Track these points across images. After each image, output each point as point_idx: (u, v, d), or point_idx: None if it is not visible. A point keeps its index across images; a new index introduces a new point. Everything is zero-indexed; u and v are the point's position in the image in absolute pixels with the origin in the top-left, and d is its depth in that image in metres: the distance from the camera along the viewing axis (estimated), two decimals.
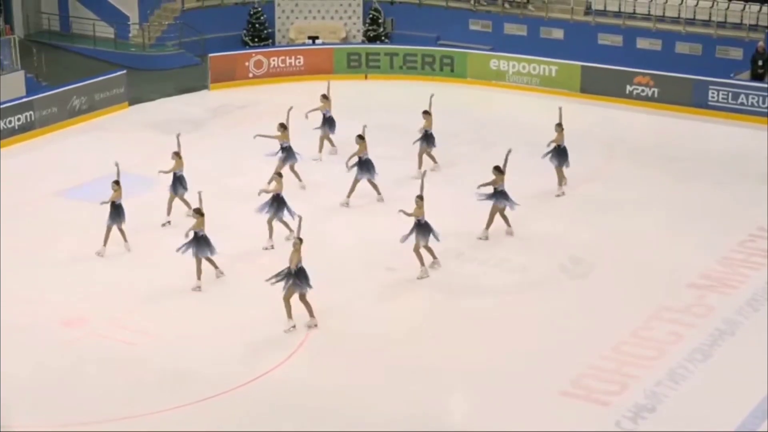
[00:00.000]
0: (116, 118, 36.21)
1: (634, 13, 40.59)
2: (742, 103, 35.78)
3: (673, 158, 32.21)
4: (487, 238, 26.04)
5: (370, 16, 43.46)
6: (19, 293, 23.53)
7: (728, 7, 39.21)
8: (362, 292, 23.86)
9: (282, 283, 21.82)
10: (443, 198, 27.47)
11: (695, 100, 36.40)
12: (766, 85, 35.95)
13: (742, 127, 34.97)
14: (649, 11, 40.25)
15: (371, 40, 43.02)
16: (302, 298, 22.06)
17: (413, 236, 24.11)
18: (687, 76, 36.68)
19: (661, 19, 40.04)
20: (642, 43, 39.93)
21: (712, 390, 20.32)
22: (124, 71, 37.66)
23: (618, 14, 40.72)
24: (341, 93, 39.09)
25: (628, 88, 37.36)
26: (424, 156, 30.13)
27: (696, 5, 39.67)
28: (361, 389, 20.36)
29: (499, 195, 25.90)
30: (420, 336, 22.07)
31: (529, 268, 24.99)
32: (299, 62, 40.31)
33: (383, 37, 43.26)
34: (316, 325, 22.10)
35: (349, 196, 28.16)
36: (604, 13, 41.01)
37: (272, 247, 25.56)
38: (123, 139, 34.10)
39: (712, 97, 36.19)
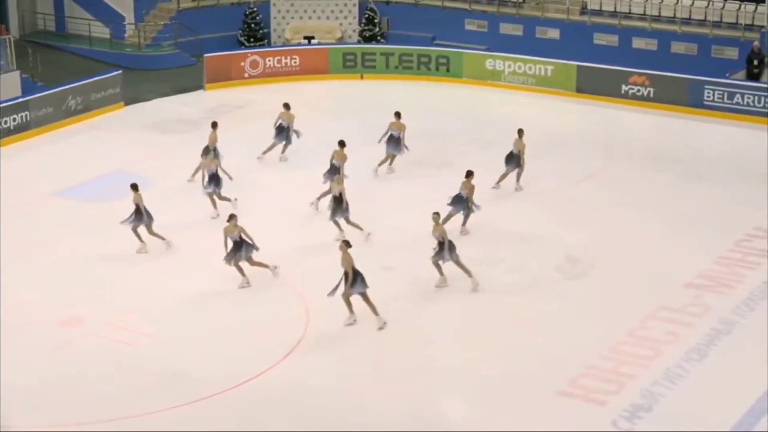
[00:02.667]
0: (112, 118, 36.20)
1: (630, 12, 40.65)
2: (737, 103, 35.84)
3: (669, 158, 32.25)
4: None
5: (366, 15, 43.49)
6: (15, 293, 23.52)
7: (724, 7, 39.30)
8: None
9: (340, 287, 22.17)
10: (438, 197, 27.51)
11: (691, 99, 36.45)
12: (761, 85, 36.02)
13: (738, 127, 35.04)
14: (644, 11, 40.32)
15: (367, 40, 43.04)
16: (365, 298, 22.21)
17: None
18: (683, 76, 36.73)
19: (657, 18, 40.10)
20: (638, 43, 39.99)
21: (709, 389, 20.36)
22: (120, 71, 37.67)
23: (614, 14, 40.79)
24: (337, 93, 39.29)
25: (624, 87, 37.41)
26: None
27: (692, 5, 39.75)
28: (358, 389, 20.39)
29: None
30: (416, 336, 22.08)
31: (526, 268, 25.01)
32: (295, 62, 40.31)
33: (379, 37, 43.29)
34: (385, 323, 22.21)
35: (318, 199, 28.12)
36: (599, 12, 41.08)
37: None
38: (119, 139, 34.13)
39: (708, 97, 36.25)
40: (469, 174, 26.17)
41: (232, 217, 23.79)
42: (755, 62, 36.85)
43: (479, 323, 22.81)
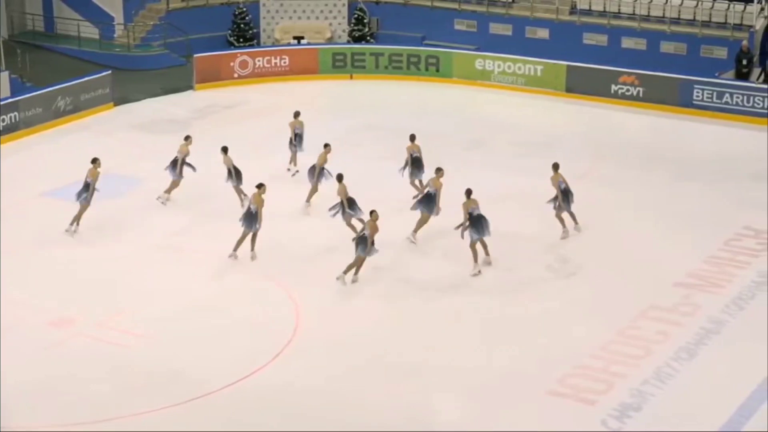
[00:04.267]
0: (101, 119, 36.19)
1: (619, 12, 40.71)
2: (727, 102, 35.94)
3: (659, 158, 32.33)
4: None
5: (356, 16, 43.50)
6: (5, 294, 23.48)
7: (713, 7, 39.39)
8: (348, 291, 23.90)
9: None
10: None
11: (680, 99, 36.54)
12: (751, 84, 36.12)
13: (727, 126, 35.14)
14: (633, 11, 40.38)
15: (356, 40, 43.06)
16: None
17: (468, 232, 24.61)
18: (672, 76, 36.84)
19: (646, 18, 40.17)
20: (627, 43, 40.06)
21: (698, 388, 20.41)
22: (109, 72, 37.65)
23: (603, 14, 40.85)
24: (327, 93, 39.32)
25: (614, 87, 37.49)
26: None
27: (681, 5, 39.83)
28: (349, 389, 20.39)
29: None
30: (408, 335, 22.11)
31: (517, 268, 25.05)
32: (284, 62, 40.32)
33: (368, 37, 43.30)
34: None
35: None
36: (589, 12, 41.14)
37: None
38: (108, 140, 34.07)
39: (697, 96, 36.35)
40: (439, 171, 26.26)
41: (260, 186, 25.02)
42: (744, 62, 36.94)
43: (470, 323, 22.85)
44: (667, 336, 22.15)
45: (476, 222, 24.48)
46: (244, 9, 43.44)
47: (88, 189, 26.37)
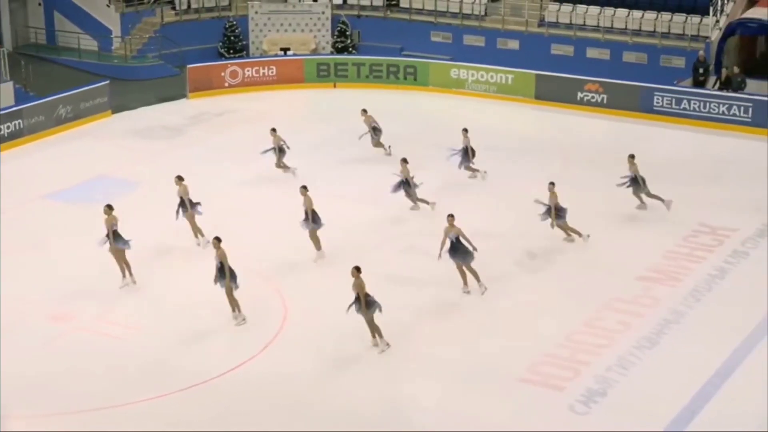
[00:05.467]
0: (100, 126, 36.03)
1: (585, 24, 40.72)
2: (684, 108, 36.00)
3: (622, 160, 32.16)
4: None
5: (338, 28, 43.43)
6: (9, 290, 23.36)
7: (671, 19, 39.42)
8: (333, 287, 23.79)
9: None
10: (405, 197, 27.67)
11: (641, 105, 36.58)
12: (707, 92, 36.18)
13: (685, 131, 35.19)
14: (598, 23, 40.39)
15: (339, 51, 42.99)
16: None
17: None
18: (634, 84, 36.86)
19: (609, 30, 40.20)
20: (592, 53, 40.08)
21: (659, 375, 20.44)
22: (107, 81, 37.49)
23: (569, 26, 40.85)
24: (312, 101, 39.29)
25: (579, 94, 37.50)
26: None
27: (642, 17, 39.86)
28: (333, 379, 20.37)
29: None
30: (386, 328, 22.00)
31: (488, 263, 24.94)
32: (272, 72, 40.24)
33: (351, 49, 43.23)
34: (388, 345, 21.38)
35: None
36: (556, 24, 41.15)
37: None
38: (106, 146, 33.97)
39: (657, 103, 36.40)
40: (404, 160, 27.06)
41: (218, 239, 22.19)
42: (701, 70, 37.00)
43: (444, 316, 22.81)
44: (629, 326, 22.17)
45: (454, 249, 23.44)
46: (234, 22, 43.32)
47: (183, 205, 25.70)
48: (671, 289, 23.84)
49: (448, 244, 23.16)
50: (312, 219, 24.98)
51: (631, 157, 27.59)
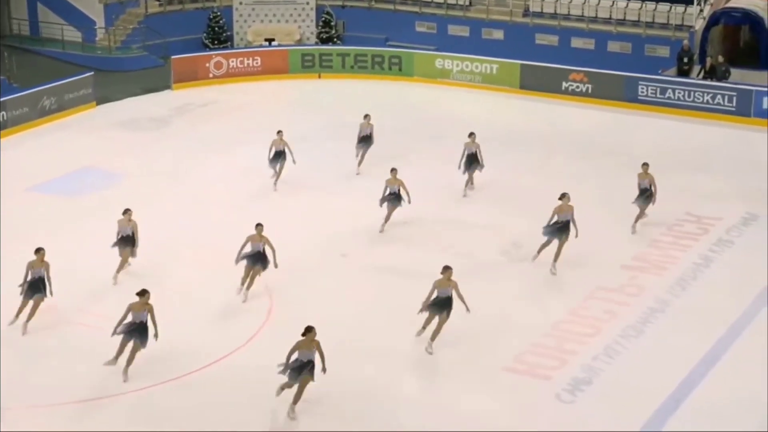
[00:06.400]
0: (84, 117, 35.81)
1: (569, 14, 40.71)
2: (669, 97, 36.01)
3: (607, 150, 32.34)
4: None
5: (323, 19, 43.32)
6: None
7: (656, 9, 39.46)
8: (317, 277, 23.74)
9: None
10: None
11: (626, 95, 36.59)
12: (691, 81, 36.19)
13: (669, 120, 35.20)
14: (582, 12, 40.41)
15: (324, 41, 42.88)
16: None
17: None
18: (618, 73, 36.86)
19: (594, 20, 40.20)
20: (576, 43, 40.07)
21: (645, 364, 20.42)
22: (92, 73, 37.25)
23: (554, 16, 40.83)
24: (297, 91, 39.17)
25: (564, 84, 37.48)
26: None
27: (626, 7, 39.88)
28: (317, 367, 20.27)
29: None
30: (371, 318, 21.94)
31: (474, 253, 24.95)
32: (257, 63, 40.09)
33: (335, 39, 43.13)
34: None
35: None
36: (540, 14, 41.11)
37: None
38: (91, 137, 33.78)
39: (642, 92, 36.39)
40: (393, 170, 25.80)
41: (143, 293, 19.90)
42: (685, 60, 37.02)
43: None
44: (615, 315, 22.15)
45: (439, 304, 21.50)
46: (218, 13, 43.19)
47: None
48: (657, 278, 23.83)
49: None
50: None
51: (645, 165, 26.10)
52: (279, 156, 28.50)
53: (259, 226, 22.43)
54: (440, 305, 20.61)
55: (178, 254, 24.75)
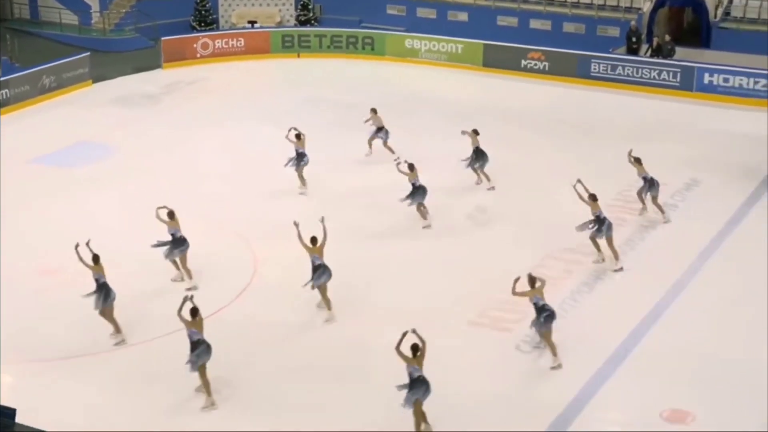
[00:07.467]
0: (81, 95, 35.58)
1: None
2: (619, 74, 36.04)
3: (563, 122, 32.38)
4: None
5: (302, 2, 43.09)
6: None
7: None
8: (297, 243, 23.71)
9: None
10: (371, 160, 27.55)
11: (580, 71, 36.59)
12: (639, 58, 36.26)
13: (619, 94, 35.27)
14: None
15: (302, 23, 42.66)
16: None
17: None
18: (573, 52, 36.83)
19: (551, 3, 40.13)
20: (534, 24, 40.00)
21: (597, 317, 20.59)
22: (88, 53, 36.98)
23: None
24: (278, 70, 39.04)
25: (523, 62, 37.45)
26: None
27: None
28: (302, 325, 20.36)
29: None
30: (347, 279, 21.81)
31: (440, 217, 24.96)
32: (240, 44, 39.87)
33: (313, 21, 42.91)
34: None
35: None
36: None
37: None
38: (87, 113, 33.59)
39: (594, 69, 36.41)
40: (411, 167, 24.73)
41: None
42: (634, 39, 37.06)
43: (399, 267, 22.79)
44: (571, 273, 22.25)
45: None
46: None
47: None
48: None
49: None
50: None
51: (638, 160, 25.07)
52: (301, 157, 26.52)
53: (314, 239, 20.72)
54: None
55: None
